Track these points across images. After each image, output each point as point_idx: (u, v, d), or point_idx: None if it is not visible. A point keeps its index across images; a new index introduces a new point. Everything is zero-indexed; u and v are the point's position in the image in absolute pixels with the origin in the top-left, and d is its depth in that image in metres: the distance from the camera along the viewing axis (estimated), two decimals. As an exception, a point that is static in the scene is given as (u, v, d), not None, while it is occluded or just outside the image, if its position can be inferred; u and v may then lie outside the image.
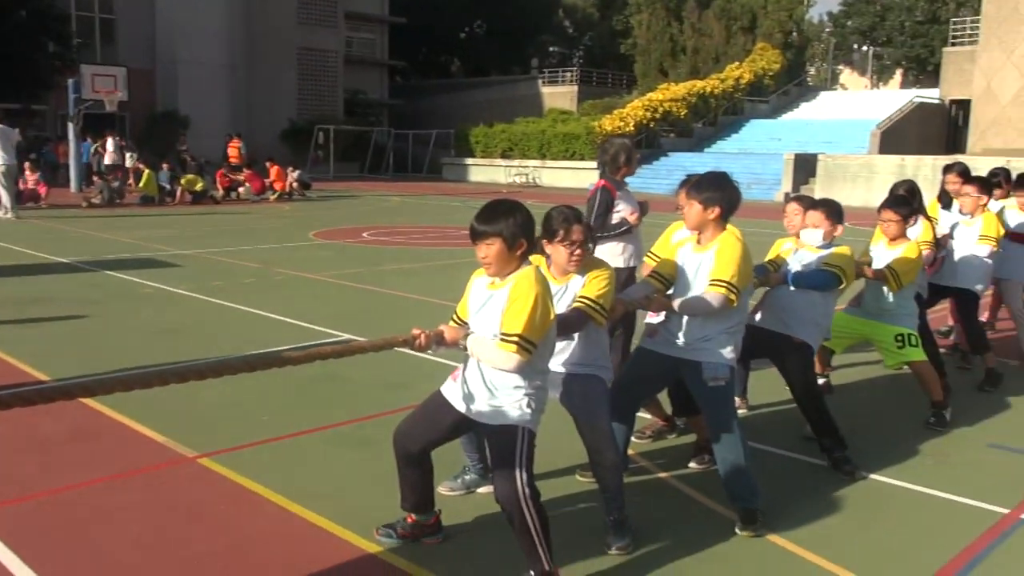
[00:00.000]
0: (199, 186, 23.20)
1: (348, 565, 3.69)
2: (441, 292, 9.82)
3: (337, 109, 44.06)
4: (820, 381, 5.76)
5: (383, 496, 4.13)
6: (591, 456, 3.94)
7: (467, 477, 4.41)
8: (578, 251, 3.77)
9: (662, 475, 4.76)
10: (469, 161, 40.72)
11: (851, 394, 6.39)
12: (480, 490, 4.36)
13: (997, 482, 4.70)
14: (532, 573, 3.40)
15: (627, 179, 5.83)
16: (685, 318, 4.11)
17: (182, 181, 23.24)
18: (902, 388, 6.35)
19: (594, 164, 35.51)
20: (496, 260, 3.32)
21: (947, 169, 7.10)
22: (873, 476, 4.74)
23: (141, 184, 22.43)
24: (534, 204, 4.10)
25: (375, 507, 4.09)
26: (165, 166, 24.03)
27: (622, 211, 5.66)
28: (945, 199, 7.07)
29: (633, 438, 4.90)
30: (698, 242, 4.18)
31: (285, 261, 12.51)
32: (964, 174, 6.86)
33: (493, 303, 3.37)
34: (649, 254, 5.24)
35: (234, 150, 27.08)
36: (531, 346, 3.25)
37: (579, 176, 35.45)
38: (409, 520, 3.85)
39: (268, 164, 25.49)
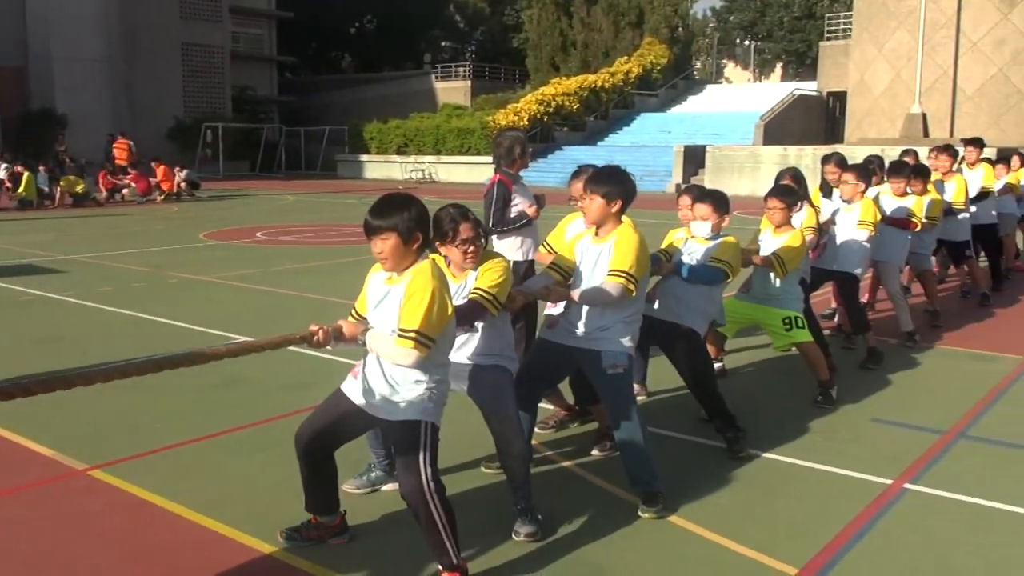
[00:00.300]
0: (80, 188, 22.23)
1: (251, 572, 3.61)
2: (339, 290, 9.70)
3: (225, 106, 42.91)
4: (716, 366, 5.96)
5: (286, 499, 4.06)
6: (499, 446, 3.97)
7: (372, 474, 4.38)
8: (471, 248, 3.80)
9: (566, 463, 4.82)
10: (364, 158, 40.26)
11: (744, 377, 6.62)
12: (385, 487, 4.33)
13: (881, 455, 4.94)
14: (440, 567, 3.41)
15: (521, 173, 5.88)
16: (584, 308, 4.18)
17: (61, 183, 22.24)
18: (790, 369, 6.60)
19: (490, 159, 35.71)
20: (392, 255, 3.29)
21: (826, 159, 7.40)
22: (766, 455, 4.92)
23: (20, 188, 21.37)
24: (432, 200, 4.10)
25: (278, 511, 4.02)
26: (42, 168, 22.96)
27: (519, 204, 5.68)
28: (826, 188, 7.37)
29: (536, 428, 4.97)
30: (596, 234, 4.26)
31: (176, 264, 12.13)
32: (841, 163, 7.17)
33: (390, 299, 3.35)
34: (544, 244, 5.29)
35: (121, 150, 25.89)
36: (429, 341, 3.24)
37: (475, 171, 35.47)
38: (314, 522, 3.79)
39: (154, 164, 24.60)
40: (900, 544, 3.88)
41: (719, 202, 5.04)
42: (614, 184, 4.17)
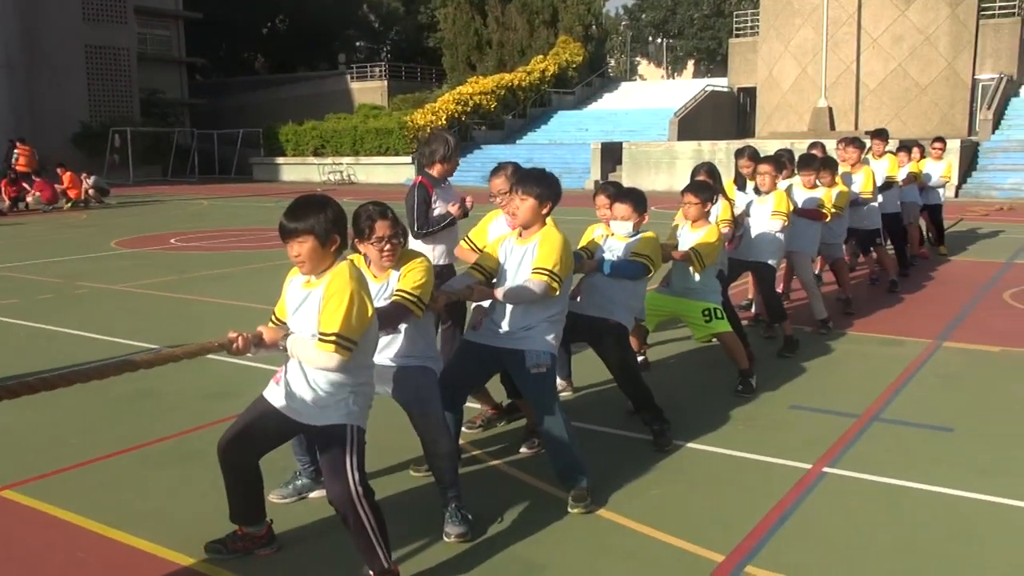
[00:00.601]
0: (-21, 198, 21.37)
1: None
2: (258, 296, 9.53)
3: (133, 110, 41.72)
4: (639, 359, 6.04)
5: (210, 511, 3.97)
6: (426, 447, 3.95)
7: (298, 482, 4.31)
8: (387, 247, 3.76)
9: (494, 462, 4.83)
10: (280, 160, 39.59)
11: (666, 369, 6.73)
12: (312, 494, 4.27)
13: (800, 440, 5.08)
14: (371, 573, 3.37)
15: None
16: (508, 308, 4.19)
17: (-40, 193, 21.35)
18: (711, 361, 6.74)
19: (409, 159, 35.55)
20: (309, 258, 3.24)
21: (739, 153, 7.57)
22: (690, 445, 5.01)
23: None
24: (351, 201, 4.06)
25: (202, 523, 3.93)
26: (-63, 177, 21.99)
27: (439, 208, 5.59)
28: (740, 181, 7.54)
29: (464, 428, 4.96)
30: (520, 235, 4.30)
31: (86, 273, 11.72)
32: (755, 156, 7.34)
33: (309, 302, 3.29)
34: (465, 239, 5.30)
35: (23, 156, 24.88)
36: (351, 344, 3.20)
37: (394, 171, 35.26)
38: (239, 532, 3.71)
39: (60, 170, 23.74)
40: (821, 526, 3.99)
41: (638, 201, 5.11)
42: (545, 186, 4.23)
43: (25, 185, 23.34)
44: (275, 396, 3.50)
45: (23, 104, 37.70)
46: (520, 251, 4.26)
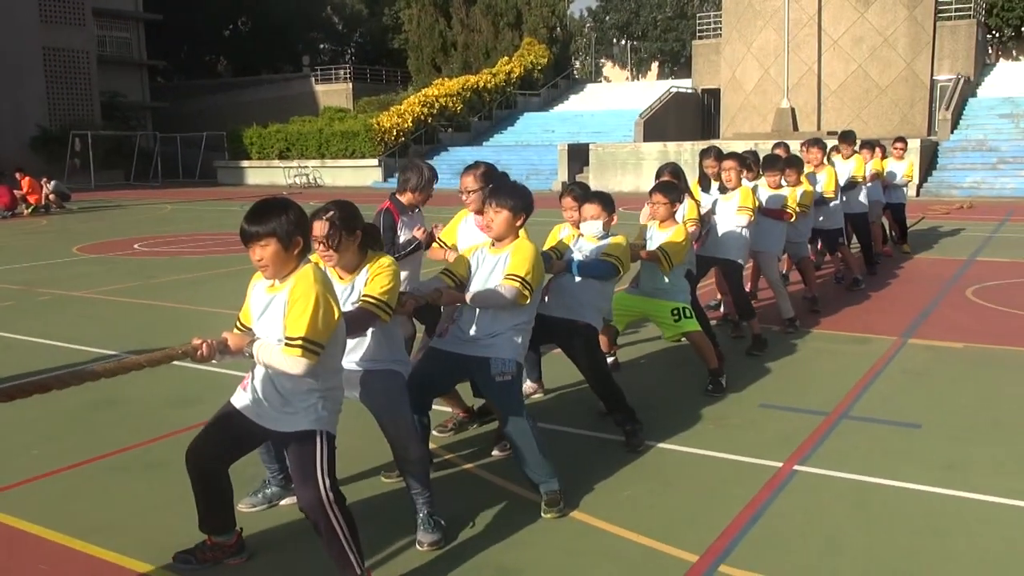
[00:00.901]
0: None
1: (144, 599, 3.45)
2: (224, 301, 9.42)
3: (94, 113, 41.20)
4: (609, 360, 6.04)
5: (179, 521, 3.90)
6: (396, 452, 3.92)
7: (268, 491, 4.25)
8: (320, 247, 3.68)
9: (467, 466, 4.80)
10: (245, 164, 39.30)
11: (636, 370, 6.74)
12: (283, 502, 4.21)
13: (770, 439, 5.11)
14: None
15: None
16: (476, 315, 4.18)
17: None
18: (681, 360, 6.77)
19: (375, 161, 35.33)
20: (272, 262, 3.18)
21: (704, 154, 7.61)
22: (661, 445, 5.02)
23: None
24: (317, 204, 4.01)
25: (170, 534, 3.86)
26: None
27: (404, 236, 5.50)
28: (705, 181, 7.58)
29: (435, 432, 4.93)
30: (493, 245, 4.31)
31: (48, 280, 11.53)
32: (719, 156, 7.39)
33: (274, 307, 3.24)
34: (437, 240, 5.35)
35: None
36: (317, 347, 3.14)
37: (360, 174, 35.12)
38: (209, 543, 3.64)
39: (18, 175, 23.35)
40: (794, 524, 4.01)
41: (606, 202, 5.12)
42: (518, 199, 4.26)
43: None
44: (242, 402, 3.44)
45: (-22, 107, 37.07)
46: (492, 260, 4.26)
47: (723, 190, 7.07)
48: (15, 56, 38.07)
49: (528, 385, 5.84)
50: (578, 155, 30.85)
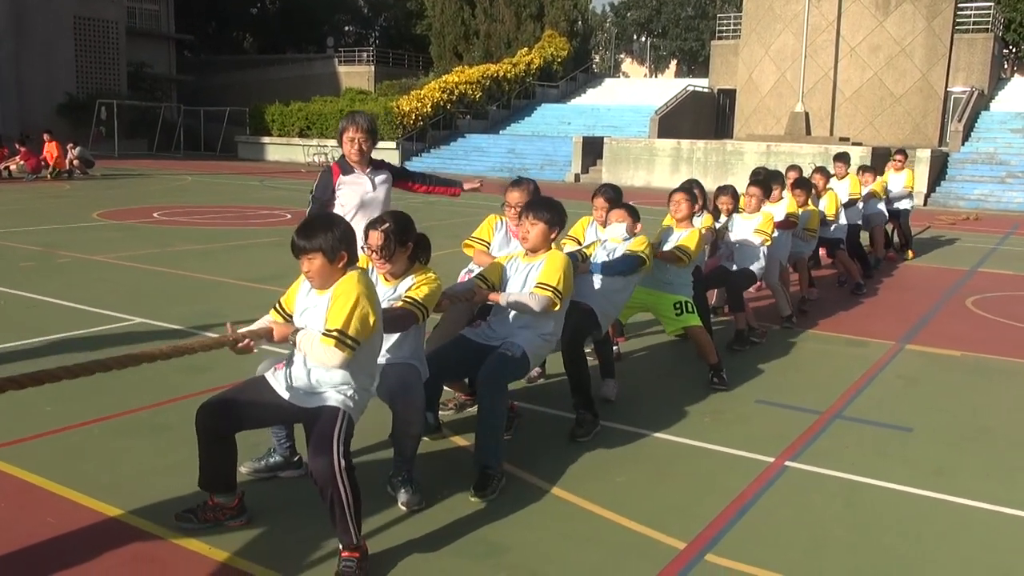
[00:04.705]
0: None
1: (144, 554, 3.55)
2: (239, 272, 9.59)
3: (120, 83, 41.36)
4: (612, 349, 6.22)
5: (182, 483, 4.01)
6: (397, 427, 4.03)
7: (271, 459, 4.34)
8: (373, 255, 3.97)
9: (464, 444, 4.88)
10: (265, 140, 39.46)
11: (638, 361, 6.86)
12: (284, 474, 4.32)
13: (764, 434, 5.21)
14: (340, 546, 3.43)
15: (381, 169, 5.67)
16: (507, 317, 4.45)
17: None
18: (682, 354, 6.89)
19: (393, 144, 35.44)
20: (319, 274, 3.46)
21: (721, 190, 7.68)
22: (658, 434, 5.12)
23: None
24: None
25: (173, 493, 3.98)
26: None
27: (343, 198, 5.48)
28: (716, 214, 7.71)
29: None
30: (525, 254, 4.62)
31: (69, 243, 11.70)
32: (735, 195, 7.59)
33: (319, 305, 3.50)
34: (472, 238, 5.53)
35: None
36: (351, 341, 3.36)
37: (379, 156, 35.08)
38: (210, 503, 3.75)
39: (45, 139, 23.53)
40: (781, 518, 4.10)
41: (632, 210, 5.54)
42: (556, 213, 4.58)
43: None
44: (275, 381, 3.66)
45: (9, 73, 37.26)
46: (526, 268, 4.57)
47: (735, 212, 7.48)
48: (46, 24, 38.25)
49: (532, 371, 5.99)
50: (592, 148, 30.87)
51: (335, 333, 3.34)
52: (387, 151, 35.24)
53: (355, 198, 5.49)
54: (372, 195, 5.56)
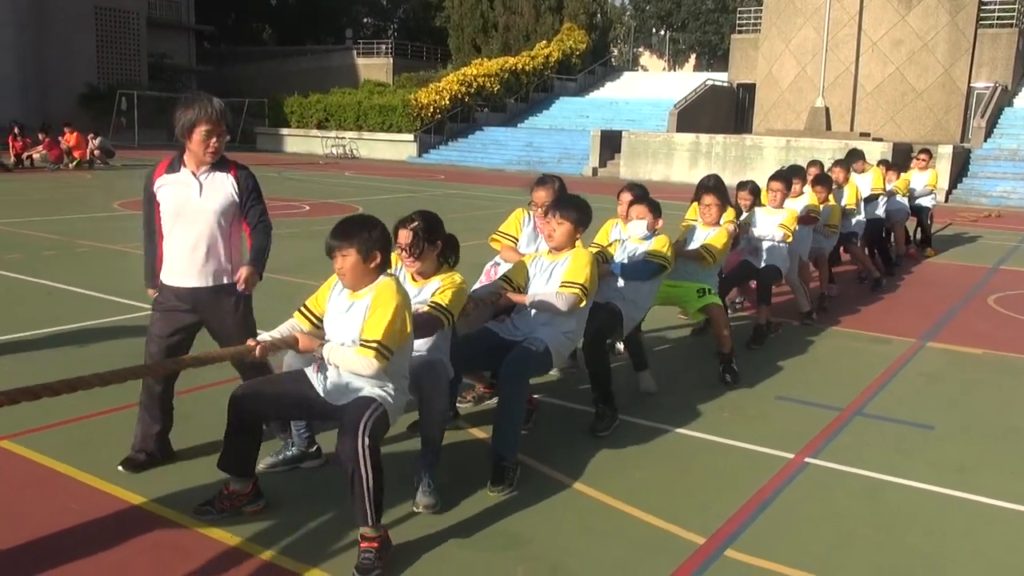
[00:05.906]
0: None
1: (166, 540, 3.58)
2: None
3: (141, 74, 41.60)
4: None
5: (200, 472, 4.05)
6: (423, 406, 4.01)
7: (288, 452, 4.35)
8: (403, 253, 4.03)
9: (483, 436, 4.88)
10: (284, 131, 39.56)
11: (659, 357, 6.78)
12: (303, 465, 4.33)
13: (784, 430, 5.19)
14: (361, 533, 3.43)
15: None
16: (532, 316, 4.48)
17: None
18: (703, 352, 6.88)
19: (411, 136, 35.46)
20: (351, 271, 3.49)
21: (741, 186, 7.62)
22: (679, 430, 5.11)
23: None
24: (352, 175, 4.12)
25: (194, 482, 4.01)
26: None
27: (164, 201, 4.46)
28: (737, 211, 7.68)
29: (456, 404, 5.08)
30: (550, 251, 4.66)
31: (89, 232, 11.80)
32: (755, 191, 7.50)
33: (355, 311, 3.53)
34: (498, 233, 5.57)
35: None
36: (389, 352, 3.44)
37: (396, 148, 35.30)
38: (226, 492, 3.78)
39: (66, 129, 23.71)
40: (801, 514, 4.08)
41: (654, 206, 5.56)
42: (582, 212, 4.64)
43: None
44: (314, 378, 3.70)
45: (31, 63, 37.54)
46: (550, 265, 4.61)
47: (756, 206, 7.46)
48: (68, 15, 38.49)
49: (567, 364, 6.00)
50: (611, 142, 30.77)
51: (374, 344, 3.41)
52: (405, 143, 35.31)
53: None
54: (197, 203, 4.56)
